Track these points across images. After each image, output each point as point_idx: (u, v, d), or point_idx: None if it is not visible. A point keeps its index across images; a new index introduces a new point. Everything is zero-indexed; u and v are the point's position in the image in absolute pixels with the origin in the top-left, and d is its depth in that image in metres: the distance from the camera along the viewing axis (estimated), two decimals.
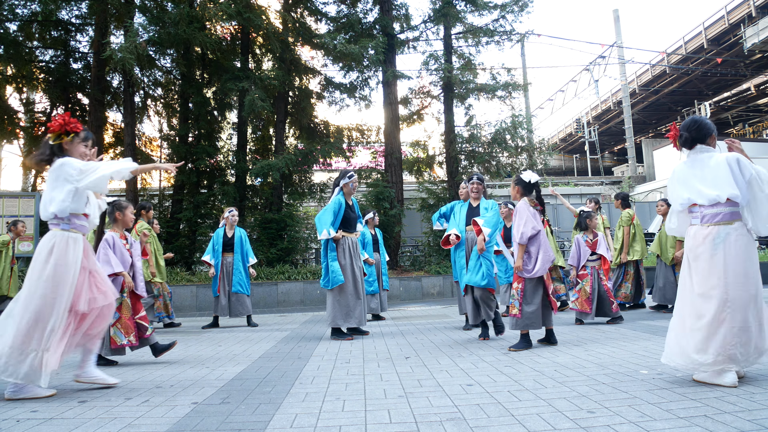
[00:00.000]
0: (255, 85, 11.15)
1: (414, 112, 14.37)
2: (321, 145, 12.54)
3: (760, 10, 21.69)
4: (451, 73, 12.89)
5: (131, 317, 3.95)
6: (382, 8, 12.89)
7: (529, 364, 3.47)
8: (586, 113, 36.82)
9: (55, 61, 13.11)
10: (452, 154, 13.19)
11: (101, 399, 2.89)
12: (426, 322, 6.37)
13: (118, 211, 4.11)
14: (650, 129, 38.80)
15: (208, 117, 13.00)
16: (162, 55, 12.53)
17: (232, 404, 2.68)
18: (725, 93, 31.10)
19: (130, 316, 3.94)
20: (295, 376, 3.38)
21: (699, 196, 2.83)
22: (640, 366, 3.24)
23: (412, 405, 2.54)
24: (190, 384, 3.22)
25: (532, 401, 2.51)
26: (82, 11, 12.69)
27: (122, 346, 3.90)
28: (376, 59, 11.75)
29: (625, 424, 2.12)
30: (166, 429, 2.28)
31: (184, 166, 12.19)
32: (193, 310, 9.75)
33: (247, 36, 12.80)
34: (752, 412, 2.21)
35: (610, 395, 2.56)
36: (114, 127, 14.51)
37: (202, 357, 4.31)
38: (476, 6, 13.00)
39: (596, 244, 5.72)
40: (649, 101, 32.97)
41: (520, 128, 13.22)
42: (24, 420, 2.49)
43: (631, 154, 30.07)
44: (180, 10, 10.33)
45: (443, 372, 3.31)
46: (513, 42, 13.94)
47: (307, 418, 2.37)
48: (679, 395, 2.51)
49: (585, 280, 5.63)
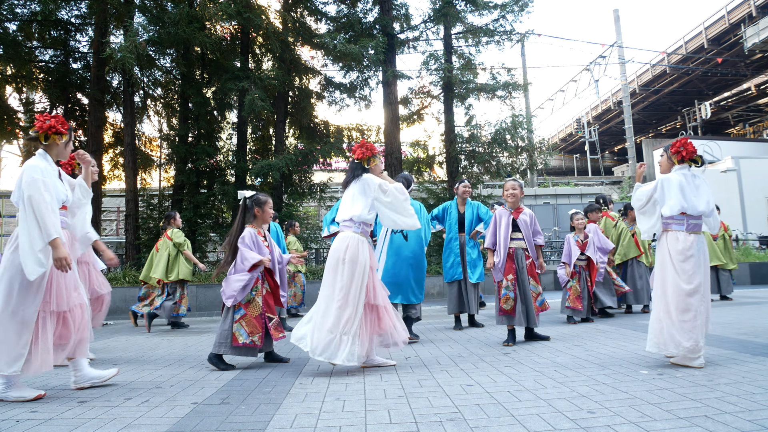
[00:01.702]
0: (255, 85, 11.14)
1: (414, 112, 14.36)
2: (321, 145, 12.53)
3: (761, 9, 21.69)
4: (451, 73, 12.87)
5: (259, 316, 3.68)
6: (382, 8, 12.88)
7: (529, 364, 3.47)
8: (586, 113, 36.82)
9: (55, 60, 13.10)
10: (452, 154, 13.19)
11: (101, 399, 2.88)
12: (425, 322, 6.37)
13: (257, 207, 3.89)
14: (650, 129, 38.80)
15: (208, 117, 12.99)
16: (162, 55, 12.51)
17: (232, 404, 2.68)
18: (725, 93, 31.10)
19: (258, 315, 3.68)
20: (295, 376, 3.38)
21: (690, 207, 3.31)
22: (640, 366, 3.24)
23: (412, 405, 2.53)
24: (190, 384, 3.22)
25: (532, 401, 2.51)
26: (81, 11, 12.68)
27: (244, 345, 3.62)
28: (376, 59, 11.74)
29: (626, 424, 2.12)
30: (166, 429, 2.28)
31: (183, 166, 12.18)
32: (194, 309, 9.75)
33: (247, 36, 12.79)
34: (752, 412, 2.21)
35: (610, 395, 2.56)
36: (114, 127, 14.51)
37: (202, 357, 4.31)
38: (476, 6, 12.98)
39: (586, 246, 5.77)
40: (650, 101, 32.97)
41: (520, 128, 13.21)
42: (24, 420, 2.49)
43: (632, 154, 30.04)
44: (180, 10, 10.32)
45: (443, 372, 3.31)
46: (513, 42, 13.92)
47: (307, 418, 2.37)
48: (680, 395, 2.51)
49: (575, 278, 5.70)
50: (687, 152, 3.39)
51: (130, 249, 11.98)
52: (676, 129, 35.58)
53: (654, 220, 3.51)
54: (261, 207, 3.91)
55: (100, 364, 4.11)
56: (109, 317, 8.99)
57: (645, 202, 3.52)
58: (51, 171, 3.10)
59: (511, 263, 4.35)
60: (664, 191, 3.39)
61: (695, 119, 31.09)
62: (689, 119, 32.01)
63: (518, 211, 4.47)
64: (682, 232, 3.31)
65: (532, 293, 4.35)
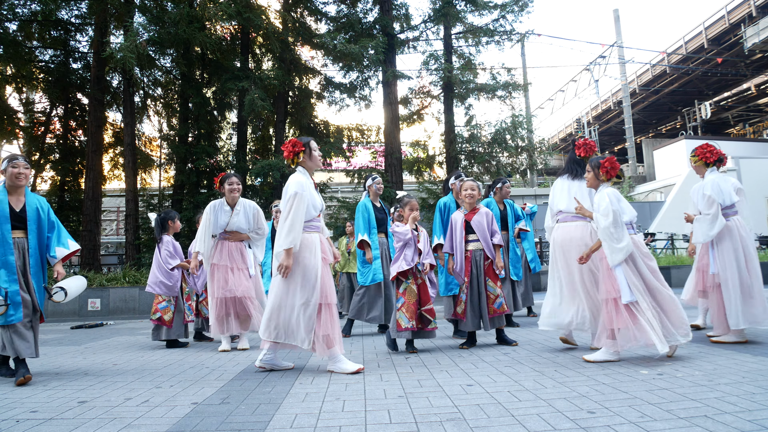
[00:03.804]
0: (255, 85, 11.15)
1: (414, 112, 14.37)
2: (321, 145, 12.53)
3: (761, 9, 21.69)
4: (451, 73, 12.88)
5: (415, 302, 4.06)
6: (382, 8, 12.89)
7: (529, 364, 3.47)
8: (586, 113, 36.80)
9: (55, 60, 13.11)
10: (452, 154, 13.19)
11: (101, 399, 2.88)
12: None
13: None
14: (650, 129, 38.80)
15: (208, 117, 12.99)
16: (162, 55, 12.52)
17: (232, 404, 2.68)
18: (725, 93, 31.10)
19: (414, 302, 4.06)
20: (295, 376, 3.37)
21: (630, 215, 3.59)
22: (640, 366, 3.24)
23: (412, 405, 2.53)
24: (190, 384, 3.21)
25: (532, 401, 2.51)
26: (81, 11, 12.70)
27: (406, 329, 4.04)
28: (376, 59, 11.74)
29: (626, 424, 2.12)
30: (166, 429, 2.28)
31: (183, 166, 12.19)
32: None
33: (247, 36, 12.80)
34: (752, 412, 2.21)
35: (610, 395, 2.56)
36: (114, 127, 14.52)
37: (202, 357, 4.31)
38: (476, 6, 12.99)
39: None
40: (650, 101, 32.96)
41: (520, 128, 13.22)
42: (24, 420, 2.49)
43: (632, 153, 30.06)
44: (180, 10, 10.33)
45: (443, 372, 3.31)
46: (513, 42, 13.94)
47: (307, 418, 2.37)
48: (680, 395, 2.51)
49: None
50: (614, 171, 3.61)
51: (130, 249, 11.98)
52: (676, 129, 35.57)
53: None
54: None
55: (100, 364, 4.12)
56: (109, 317, 8.99)
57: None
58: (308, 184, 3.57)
59: (468, 266, 4.30)
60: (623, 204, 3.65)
61: (695, 119, 31.08)
62: (689, 119, 32.01)
63: (473, 212, 4.39)
64: (635, 236, 3.63)
65: (490, 295, 4.23)
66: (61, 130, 13.96)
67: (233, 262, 4.63)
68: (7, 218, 3.43)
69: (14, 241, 3.46)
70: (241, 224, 4.69)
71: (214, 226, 4.61)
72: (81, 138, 13.91)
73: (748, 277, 3.97)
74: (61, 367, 3.99)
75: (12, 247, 3.42)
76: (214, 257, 4.59)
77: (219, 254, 4.60)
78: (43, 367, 4.01)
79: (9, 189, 3.51)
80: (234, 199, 4.67)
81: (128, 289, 9.51)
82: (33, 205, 3.58)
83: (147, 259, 11.10)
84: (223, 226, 4.64)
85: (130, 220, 12.02)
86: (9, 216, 3.44)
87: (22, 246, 3.50)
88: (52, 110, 13.94)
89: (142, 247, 12.00)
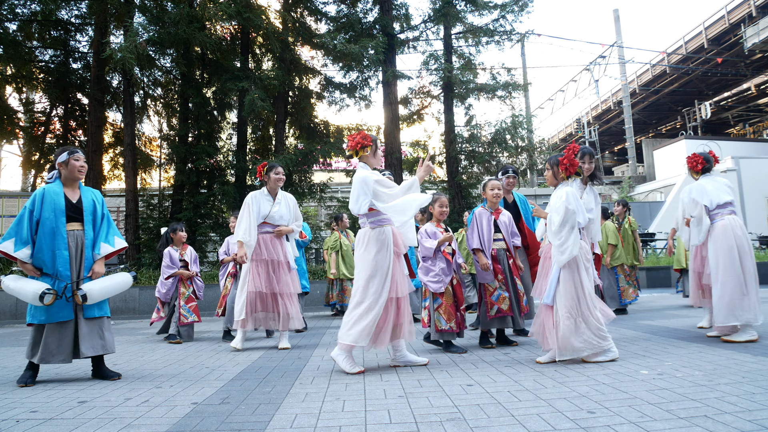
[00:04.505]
0: (255, 85, 11.13)
1: (414, 112, 14.36)
2: (321, 145, 12.52)
3: (761, 9, 21.70)
4: (451, 73, 12.87)
5: (452, 304, 4.06)
6: (382, 8, 12.88)
7: (529, 364, 3.47)
8: (586, 113, 36.81)
9: (55, 60, 13.10)
10: (452, 154, 13.18)
11: (101, 399, 2.88)
12: None
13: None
14: (650, 129, 38.82)
15: (208, 117, 12.98)
16: (162, 55, 12.51)
17: (232, 404, 2.68)
18: (725, 93, 31.11)
19: (451, 303, 4.06)
20: (295, 376, 3.37)
21: (583, 219, 3.58)
22: (640, 366, 3.24)
23: (412, 405, 2.53)
24: (190, 384, 3.21)
25: (532, 401, 2.51)
26: (81, 11, 12.67)
27: (444, 330, 4.04)
28: (376, 59, 11.74)
29: (625, 424, 2.12)
30: (166, 429, 2.28)
31: (183, 166, 12.18)
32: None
33: (247, 36, 12.78)
34: (752, 412, 2.21)
35: (610, 395, 2.56)
36: (114, 127, 14.51)
37: (202, 357, 4.31)
38: (476, 6, 12.98)
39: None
40: (650, 101, 32.98)
41: (520, 128, 13.20)
42: (24, 420, 2.49)
43: (632, 154, 30.08)
44: (180, 10, 10.31)
45: (443, 372, 3.31)
46: (513, 42, 13.92)
47: (307, 418, 2.37)
48: (680, 395, 2.51)
49: None
50: (573, 168, 3.62)
51: (129, 249, 11.97)
52: (676, 129, 35.58)
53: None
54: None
55: None
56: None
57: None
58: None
59: (497, 264, 4.31)
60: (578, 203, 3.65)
61: (695, 119, 31.09)
62: (689, 119, 32.02)
63: (497, 211, 4.43)
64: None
65: (520, 293, 4.31)
66: (61, 130, 13.95)
67: (276, 255, 4.59)
68: (63, 211, 3.42)
69: (71, 233, 3.44)
70: (283, 213, 4.71)
71: (257, 214, 4.58)
72: (81, 138, 13.88)
73: (743, 275, 3.98)
74: (61, 366, 3.99)
75: (66, 240, 3.39)
76: (254, 251, 4.55)
77: (259, 248, 4.56)
78: (43, 367, 4.01)
79: (65, 182, 3.52)
80: (277, 189, 4.74)
81: (128, 289, 9.50)
82: (89, 197, 3.59)
83: (147, 259, 11.10)
84: (264, 215, 4.63)
85: (130, 220, 12.00)
86: (65, 209, 3.44)
87: (81, 238, 3.48)
88: (52, 110, 13.93)
89: (142, 247, 11.99)
